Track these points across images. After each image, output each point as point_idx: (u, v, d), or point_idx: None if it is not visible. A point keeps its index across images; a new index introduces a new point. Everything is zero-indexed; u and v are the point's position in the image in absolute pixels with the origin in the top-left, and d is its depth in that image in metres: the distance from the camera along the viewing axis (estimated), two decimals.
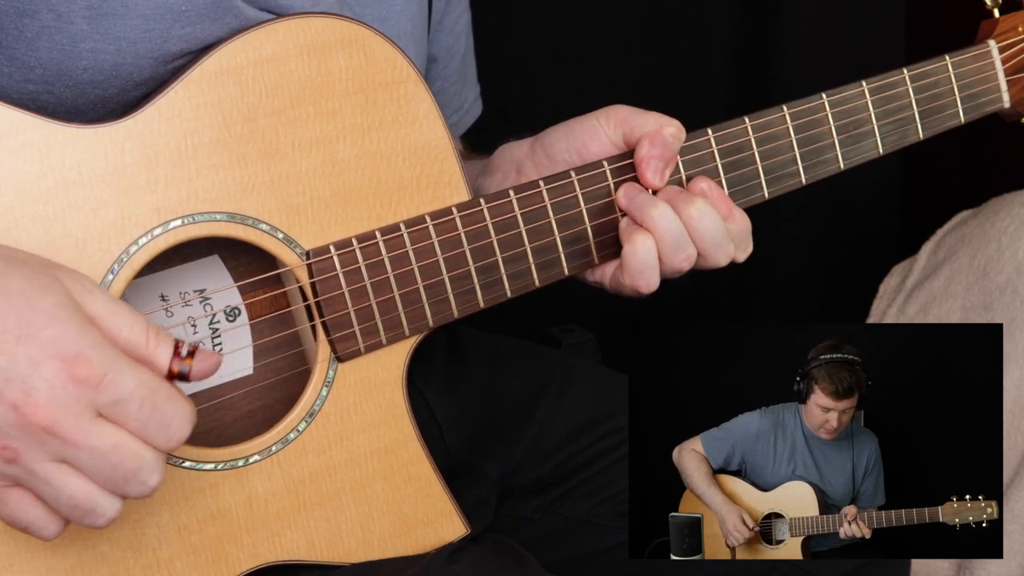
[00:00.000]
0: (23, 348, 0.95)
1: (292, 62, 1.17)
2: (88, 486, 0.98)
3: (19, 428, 0.96)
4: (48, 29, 1.12)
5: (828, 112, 1.41)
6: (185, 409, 1.00)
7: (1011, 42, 1.53)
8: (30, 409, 0.95)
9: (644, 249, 1.27)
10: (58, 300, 0.97)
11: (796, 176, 1.40)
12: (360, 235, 1.20)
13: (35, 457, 0.97)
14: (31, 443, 0.96)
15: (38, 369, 0.95)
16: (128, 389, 0.97)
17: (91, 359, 0.96)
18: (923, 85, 1.46)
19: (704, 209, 1.29)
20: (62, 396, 0.95)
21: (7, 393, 0.95)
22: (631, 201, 1.30)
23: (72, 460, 0.97)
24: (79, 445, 0.97)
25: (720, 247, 1.31)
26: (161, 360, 1.01)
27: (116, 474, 0.98)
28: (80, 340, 0.96)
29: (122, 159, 1.11)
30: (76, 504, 0.99)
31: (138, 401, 0.97)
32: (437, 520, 1.27)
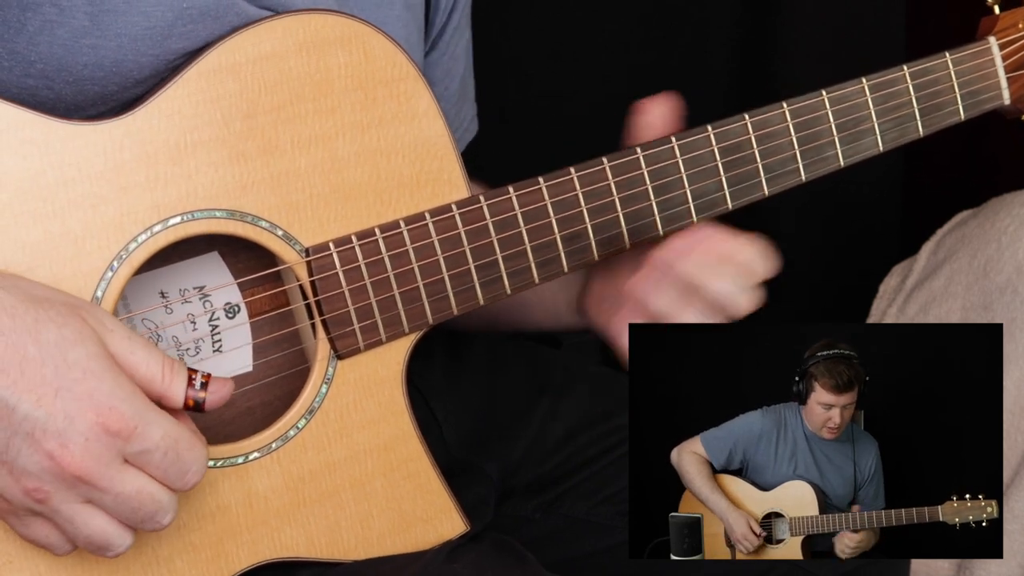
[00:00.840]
0: (60, 402, 0.99)
1: (291, 59, 1.17)
2: (106, 525, 1.04)
3: (53, 475, 1.00)
4: (50, 23, 1.12)
5: (828, 109, 1.40)
6: (202, 456, 1.06)
7: (1012, 39, 1.53)
8: (65, 459, 1.00)
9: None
10: (90, 351, 1.01)
11: (796, 174, 1.40)
12: (360, 232, 1.20)
13: (63, 499, 1.02)
14: (61, 487, 1.01)
15: (74, 423, 1.00)
16: (155, 440, 1.02)
17: (123, 412, 1.01)
18: (923, 82, 1.46)
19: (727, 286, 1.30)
20: (95, 448, 1.00)
21: (44, 443, 0.99)
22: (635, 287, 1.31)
23: (96, 501, 1.03)
24: (106, 491, 1.02)
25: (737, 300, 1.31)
26: (177, 394, 1.06)
27: (135, 516, 1.04)
28: (113, 394, 1.01)
29: (121, 156, 1.11)
30: (92, 540, 1.04)
31: (162, 451, 1.03)
32: (436, 517, 1.27)
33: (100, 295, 1.10)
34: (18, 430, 0.99)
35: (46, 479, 1.00)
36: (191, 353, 1.23)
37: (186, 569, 1.15)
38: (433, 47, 1.49)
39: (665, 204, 1.33)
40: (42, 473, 1.00)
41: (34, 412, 0.99)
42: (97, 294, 1.10)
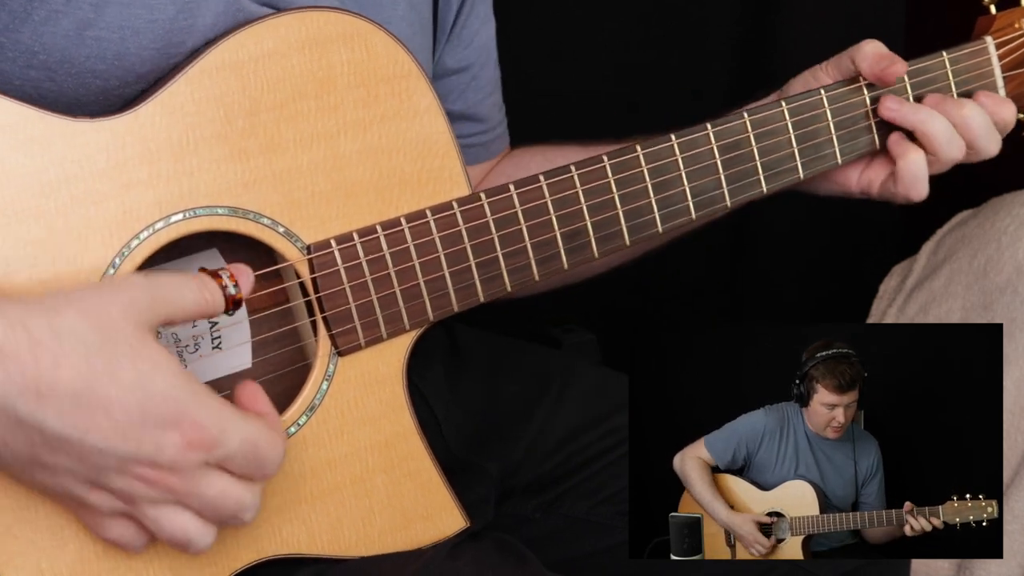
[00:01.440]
0: (147, 432, 1.01)
1: (294, 56, 1.17)
2: (189, 523, 1.06)
3: (143, 490, 1.03)
4: (56, 14, 1.12)
5: (826, 107, 1.41)
6: (279, 450, 1.08)
7: (1008, 38, 1.53)
8: (155, 477, 1.02)
9: (915, 163, 1.41)
10: (168, 380, 1.02)
11: (794, 172, 1.41)
12: (361, 229, 1.20)
13: (150, 503, 1.04)
14: (149, 495, 1.03)
15: (161, 446, 1.01)
16: (235, 446, 1.04)
17: (204, 424, 1.02)
18: (920, 81, 1.47)
19: (973, 108, 1.43)
20: (182, 462, 1.02)
21: (135, 470, 1.02)
22: (896, 112, 1.43)
23: (183, 502, 1.05)
24: (190, 495, 1.04)
25: (991, 137, 1.44)
26: (219, 304, 1.08)
27: (218, 514, 1.06)
28: (192, 408, 1.02)
29: (124, 153, 1.11)
30: (175, 538, 1.06)
31: (242, 455, 1.05)
32: (437, 514, 1.27)
33: None
34: (110, 467, 1.01)
35: (136, 491, 1.03)
36: (190, 350, 1.23)
37: (188, 565, 1.15)
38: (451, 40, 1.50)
39: (664, 202, 1.34)
40: (131, 488, 1.02)
41: (122, 447, 1.00)
42: None
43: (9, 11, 1.12)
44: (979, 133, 1.43)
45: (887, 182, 1.46)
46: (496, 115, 1.61)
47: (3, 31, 1.12)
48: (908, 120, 1.43)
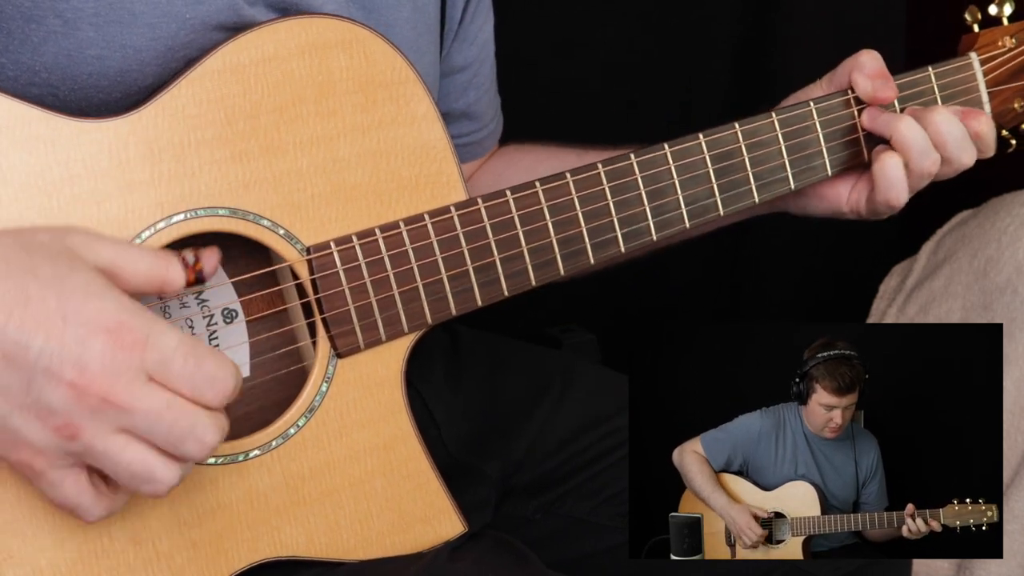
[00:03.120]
0: (70, 329, 0.98)
1: (294, 61, 1.18)
2: (146, 453, 1.01)
3: (78, 403, 0.98)
4: (55, 35, 1.12)
5: (816, 120, 1.42)
6: (227, 364, 1.04)
7: (992, 55, 1.54)
8: (86, 382, 0.98)
9: (891, 166, 1.40)
10: (88, 277, 1.01)
11: (785, 182, 1.42)
12: (360, 232, 1.20)
13: (95, 431, 1.00)
14: (90, 417, 0.99)
15: (87, 346, 0.98)
16: (171, 347, 1.00)
17: (132, 325, 1.00)
18: (907, 95, 1.48)
19: (946, 115, 1.41)
20: (112, 364, 0.99)
21: (63, 373, 0.98)
22: (875, 121, 1.43)
23: (129, 427, 1.00)
24: (134, 410, 0.99)
25: (964, 146, 1.42)
26: (177, 274, 1.06)
27: (172, 433, 1.01)
28: (119, 309, 1.00)
29: (126, 153, 1.12)
30: (134, 473, 1.02)
31: (182, 357, 1.01)
32: (435, 517, 1.27)
33: None
34: (36, 367, 0.98)
35: (73, 411, 0.99)
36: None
37: (186, 566, 1.16)
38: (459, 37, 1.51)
39: (658, 209, 1.34)
40: (68, 405, 0.98)
41: (47, 345, 0.97)
42: None
43: (7, 32, 1.12)
44: (951, 140, 1.41)
45: (872, 195, 1.45)
46: (490, 112, 1.62)
47: (3, 51, 1.13)
48: (886, 129, 1.43)
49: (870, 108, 1.45)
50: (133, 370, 0.99)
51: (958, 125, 1.42)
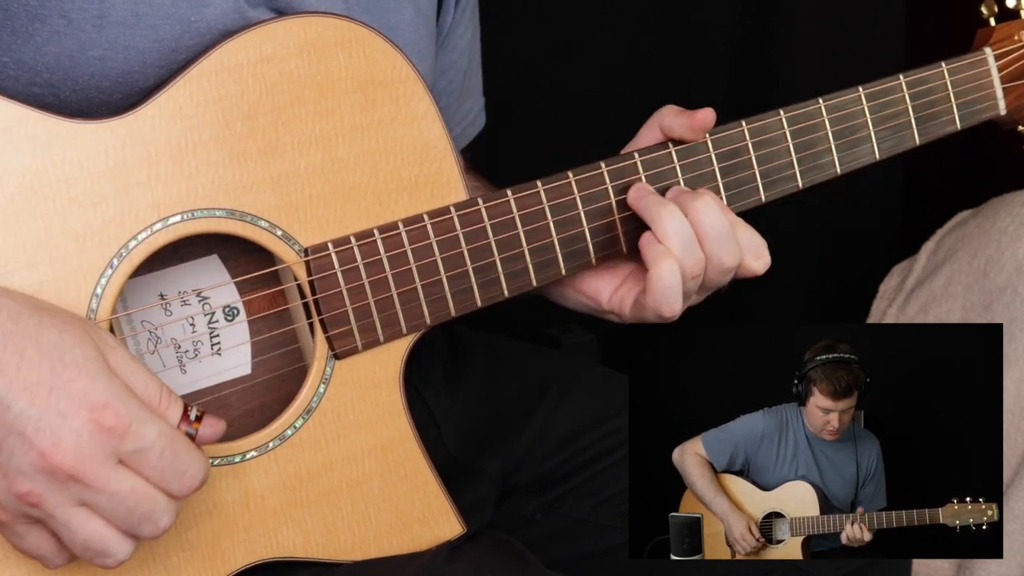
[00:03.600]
0: (54, 400, 0.99)
1: (292, 61, 1.17)
2: (103, 530, 1.03)
3: (45, 474, 1.00)
4: (58, 35, 1.12)
5: (825, 117, 1.41)
6: (200, 459, 1.06)
7: (1007, 50, 1.53)
8: (57, 457, 0.99)
9: (669, 272, 1.26)
10: (88, 354, 1.02)
11: (793, 180, 1.40)
12: (358, 233, 1.20)
13: (57, 502, 1.01)
14: (54, 488, 1.00)
15: (66, 420, 0.99)
16: (150, 439, 1.02)
17: (118, 410, 1.01)
18: (919, 91, 1.46)
19: (709, 204, 1.28)
20: (88, 445, 1.00)
21: (37, 442, 0.99)
22: (640, 200, 1.31)
23: (91, 503, 1.02)
24: (100, 490, 1.01)
25: (725, 245, 1.29)
26: (172, 421, 1.06)
27: (131, 517, 1.03)
28: (108, 392, 1.01)
29: (123, 155, 1.12)
30: (89, 546, 1.03)
31: (159, 450, 1.02)
32: (433, 518, 1.27)
33: (100, 292, 1.11)
34: (12, 429, 0.99)
35: (39, 480, 1.00)
36: (189, 355, 1.23)
37: (182, 566, 1.15)
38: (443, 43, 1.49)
39: None
40: (35, 474, 1.00)
41: (28, 410, 0.99)
42: (96, 291, 1.11)
43: (11, 31, 1.12)
44: (713, 237, 1.28)
45: (639, 297, 1.32)
46: (456, 118, 1.59)
47: (5, 51, 1.12)
48: (647, 213, 1.29)
49: (637, 185, 1.32)
50: (106, 452, 1.01)
51: (721, 217, 1.28)
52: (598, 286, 1.37)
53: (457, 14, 1.49)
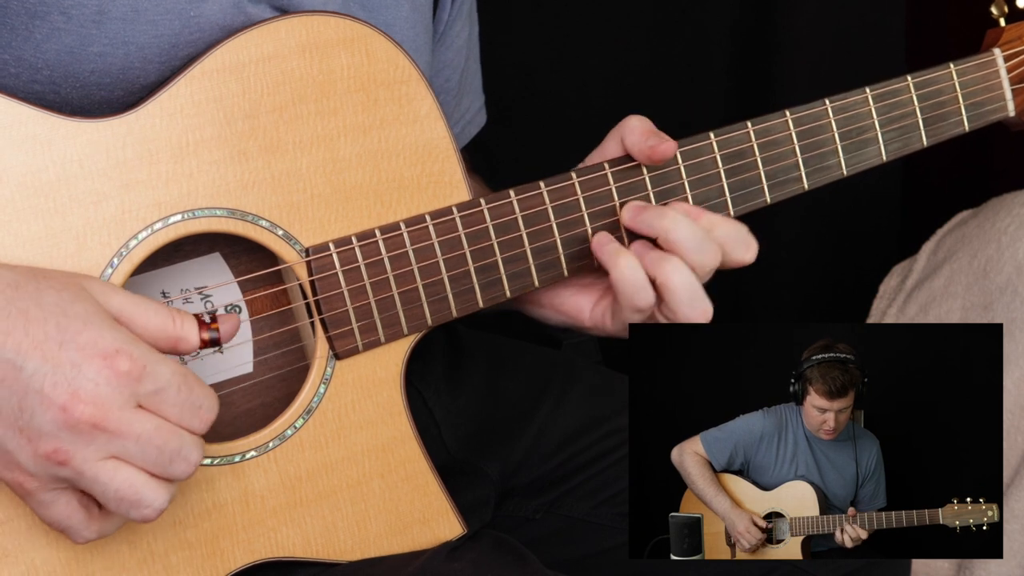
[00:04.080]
0: (65, 353, 1.00)
1: (294, 60, 1.17)
2: (135, 477, 1.02)
3: (68, 428, 1.00)
4: (58, 31, 1.12)
5: (831, 118, 1.40)
6: (210, 392, 1.06)
7: (1017, 51, 1.52)
8: (78, 408, 0.99)
9: (630, 267, 1.26)
10: (89, 308, 1.02)
11: (799, 181, 1.40)
12: (360, 233, 1.20)
13: (85, 457, 1.01)
14: (80, 442, 1.00)
15: (81, 370, 0.99)
16: (166, 377, 1.02)
17: (131, 353, 1.01)
18: (927, 93, 1.46)
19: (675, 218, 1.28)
20: (106, 391, 1.00)
21: (55, 396, 0.99)
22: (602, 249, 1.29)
23: (119, 453, 1.01)
24: (125, 435, 1.01)
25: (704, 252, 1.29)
26: (191, 334, 1.07)
27: (162, 456, 1.02)
28: (117, 338, 1.01)
29: (123, 154, 1.12)
30: (123, 497, 1.03)
31: (175, 388, 1.03)
32: (433, 519, 1.27)
33: None
34: (29, 388, 0.99)
35: (64, 437, 1.00)
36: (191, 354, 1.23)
37: (182, 566, 1.15)
38: (439, 40, 1.49)
39: None
40: (58, 431, 0.99)
41: (41, 367, 0.99)
42: None
43: (11, 28, 1.12)
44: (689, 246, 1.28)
45: (617, 307, 1.31)
46: (454, 116, 1.59)
47: (5, 48, 1.12)
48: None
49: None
50: (124, 397, 1.01)
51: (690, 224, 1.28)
52: (579, 304, 1.37)
53: (454, 11, 1.49)
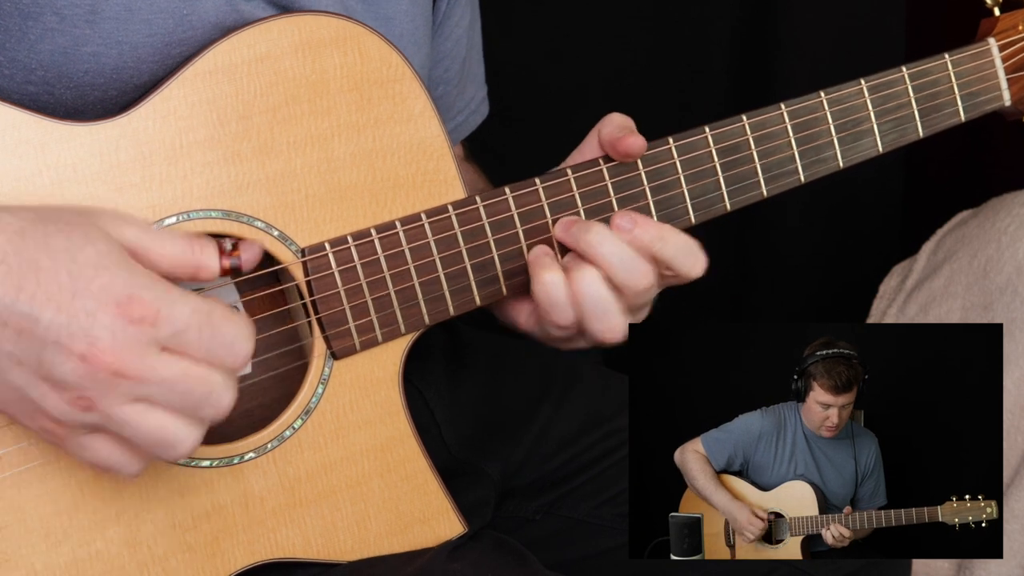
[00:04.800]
0: (80, 302, 0.99)
1: (287, 60, 1.17)
2: (164, 419, 1.02)
3: (90, 377, 0.99)
4: (51, 31, 1.12)
5: (827, 111, 1.40)
6: (242, 325, 1.05)
7: (1011, 40, 1.52)
8: (97, 356, 0.99)
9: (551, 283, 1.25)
10: (101, 248, 1.01)
11: (795, 174, 1.40)
12: (355, 233, 1.20)
13: (110, 403, 1.00)
14: (103, 390, 1.00)
15: (96, 319, 0.99)
16: (184, 319, 1.01)
17: (143, 298, 1.00)
18: (922, 83, 1.46)
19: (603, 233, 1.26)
20: (123, 338, 0.99)
21: (73, 347, 0.99)
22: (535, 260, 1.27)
23: (144, 396, 1.01)
24: (148, 381, 1.00)
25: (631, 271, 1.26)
26: (211, 262, 1.07)
27: (189, 400, 1.02)
28: (130, 282, 1.00)
29: (117, 157, 1.12)
30: (155, 439, 1.02)
31: (196, 328, 1.01)
32: (434, 518, 1.26)
33: None
34: (47, 341, 0.99)
35: (86, 384, 0.99)
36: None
37: (182, 568, 1.15)
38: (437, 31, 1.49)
39: (663, 205, 1.33)
40: (79, 379, 0.99)
41: (56, 318, 0.98)
42: None
43: (4, 29, 1.12)
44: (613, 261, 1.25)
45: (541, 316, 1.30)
46: (457, 106, 1.60)
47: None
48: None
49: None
50: (144, 343, 1.00)
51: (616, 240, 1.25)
52: (518, 308, 1.34)
53: (451, 1, 1.49)
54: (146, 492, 1.14)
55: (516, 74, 2.39)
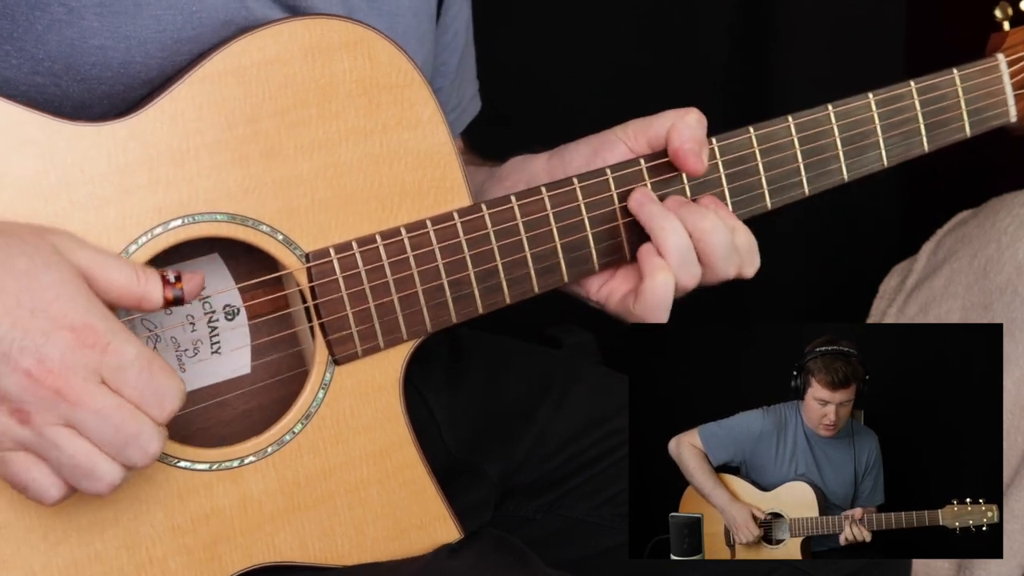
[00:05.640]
0: (36, 321, 1.01)
1: (296, 63, 1.17)
2: (91, 448, 1.03)
3: (32, 392, 1.01)
4: (59, 23, 1.12)
5: (834, 124, 1.40)
6: (177, 382, 1.06)
7: (1020, 56, 1.52)
8: (43, 374, 1.00)
9: (664, 286, 1.28)
10: (63, 276, 1.03)
11: (800, 187, 1.40)
12: (360, 238, 1.20)
13: (45, 420, 1.01)
14: (42, 406, 1.01)
15: (49, 338, 1.01)
16: (130, 356, 1.03)
17: (98, 328, 1.02)
18: (930, 98, 1.45)
19: (714, 222, 1.30)
20: (71, 361, 1.01)
21: (22, 361, 1.00)
22: (642, 208, 1.31)
23: (78, 424, 1.02)
24: (85, 406, 1.02)
25: (728, 260, 1.32)
26: (154, 292, 1.08)
27: (118, 436, 1.03)
28: (88, 311, 1.02)
29: (124, 158, 1.11)
30: (77, 464, 1.03)
31: (137, 368, 1.03)
32: (431, 524, 1.27)
33: None
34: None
35: (26, 398, 1.01)
36: (189, 354, 1.23)
37: (180, 571, 1.15)
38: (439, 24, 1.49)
39: None
40: (21, 393, 1.00)
41: (11, 332, 1.00)
42: None
43: (12, 19, 1.12)
44: (718, 254, 1.30)
45: (627, 297, 1.33)
46: (453, 100, 1.59)
47: (7, 39, 1.12)
48: (648, 223, 1.30)
49: (640, 190, 1.32)
50: (89, 369, 1.02)
51: (725, 233, 1.30)
52: (588, 279, 1.36)
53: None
54: (145, 494, 1.14)
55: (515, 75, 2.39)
